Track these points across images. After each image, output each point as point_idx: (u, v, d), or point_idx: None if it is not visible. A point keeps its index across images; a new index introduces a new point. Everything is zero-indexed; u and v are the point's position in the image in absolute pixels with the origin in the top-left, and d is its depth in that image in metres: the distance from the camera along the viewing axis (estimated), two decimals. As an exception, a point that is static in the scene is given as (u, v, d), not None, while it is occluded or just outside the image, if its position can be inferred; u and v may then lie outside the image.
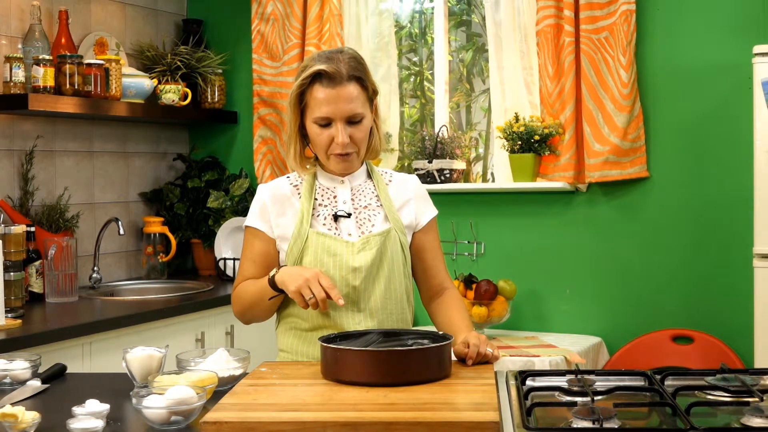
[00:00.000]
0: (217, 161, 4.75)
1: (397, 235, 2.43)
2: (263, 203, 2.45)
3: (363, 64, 2.40)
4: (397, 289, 2.41)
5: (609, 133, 3.92)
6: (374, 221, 2.43)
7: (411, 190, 2.53)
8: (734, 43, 3.77)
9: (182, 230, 4.55)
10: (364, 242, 2.38)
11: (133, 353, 2.14)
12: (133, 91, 4.15)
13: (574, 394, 1.99)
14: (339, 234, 2.40)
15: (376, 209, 2.46)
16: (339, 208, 2.43)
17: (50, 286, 3.67)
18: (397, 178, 2.55)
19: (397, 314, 2.42)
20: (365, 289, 2.37)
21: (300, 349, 2.42)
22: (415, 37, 4.92)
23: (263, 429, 1.74)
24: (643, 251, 3.99)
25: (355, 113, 2.34)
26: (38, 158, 3.94)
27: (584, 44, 3.95)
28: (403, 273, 2.44)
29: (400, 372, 2.01)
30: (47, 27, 3.92)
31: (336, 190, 2.46)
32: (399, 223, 2.45)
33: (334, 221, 2.41)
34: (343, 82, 2.33)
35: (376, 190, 2.48)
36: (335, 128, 2.35)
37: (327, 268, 2.35)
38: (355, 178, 2.48)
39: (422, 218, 2.51)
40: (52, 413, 1.92)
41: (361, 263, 2.36)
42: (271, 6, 4.55)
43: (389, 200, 2.47)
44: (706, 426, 1.72)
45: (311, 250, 2.37)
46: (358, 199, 2.46)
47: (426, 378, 2.02)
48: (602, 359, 3.97)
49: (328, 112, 2.33)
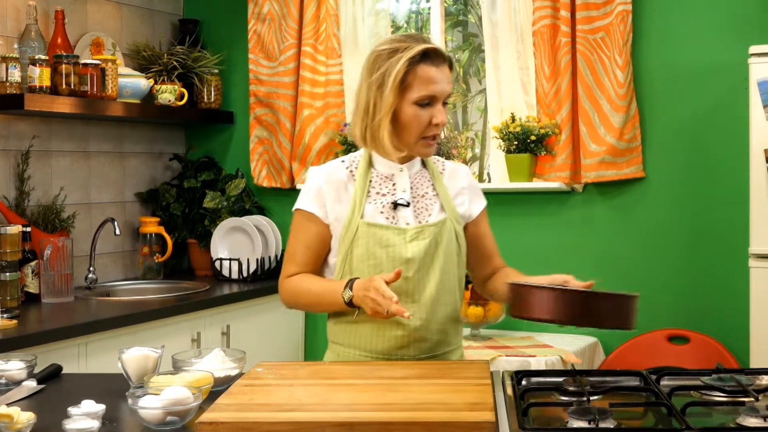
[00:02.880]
0: (213, 161, 4.75)
1: (452, 225, 2.41)
2: (319, 187, 2.42)
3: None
4: (452, 279, 2.40)
5: (605, 134, 3.92)
6: (431, 210, 2.41)
7: (465, 179, 2.52)
8: (730, 44, 3.77)
9: (178, 230, 4.55)
10: (418, 231, 2.36)
11: (128, 353, 2.14)
12: (130, 91, 4.14)
13: (570, 394, 2.00)
14: (396, 222, 2.37)
15: (432, 198, 2.43)
16: (398, 197, 2.40)
17: (46, 286, 3.66)
18: (449, 167, 2.53)
19: (451, 305, 2.40)
20: (419, 280, 2.35)
21: (351, 341, 2.41)
22: (411, 37, 4.92)
23: (259, 429, 1.73)
24: (639, 251, 3.99)
25: (451, 93, 2.38)
26: (34, 158, 3.94)
27: (580, 44, 3.96)
28: (456, 263, 2.42)
29: (593, 314, 2.07)
30: (43, 27, 3.92)
31: (395, 177, 2.43)
32: (455, 212, 2.44)
33: (393, 209, 2.39)
34: (445, 63, 2.35)
35: (432, 179, 2.46)
36: (436, 108, 2.34)
37: (379, 260, 2.33)
38: (413, 166, 2.46)
39: (475, 208, 2.51)
40: (48, 413, 1.92)
41: (413, 254, 2.34)
42: (267, 6, 4.54)
43: (445, 189, 2.46)
44: (701, 426, 1.72)
45: (362, 242, 2.35)
46: (416, 188, 2.44)
47: (614, 325, 2.09)
48: (598, 359, 3.97)
49: (435, 91, 2.32)
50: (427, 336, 2.36)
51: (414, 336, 2.35)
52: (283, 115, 4.55)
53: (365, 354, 2.38)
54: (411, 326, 2.34)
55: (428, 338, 2.36)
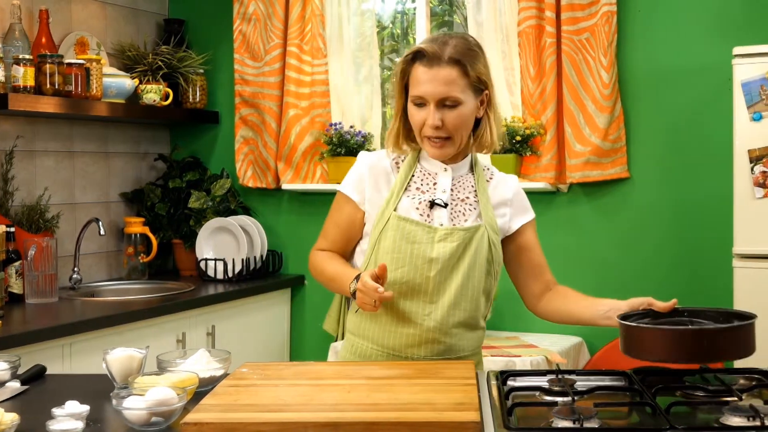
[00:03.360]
0: (198, 161, 4.74)
1: (486, 233, 2.38)
2: (361, 173, 2.44)
3: (474, 51, 2.35)
4: (475, 287, 2.37)
5: (590, 134, 3.93)
6: (468, 216, 2.39)
7: (511, 191, 2.49)
8: (714, 45, 3.79)
9: (163, 230, 4.54)
10: (448, 233, 2.34)
11: (113, 354, 2.13)
12: (114, 91, 4.13)
13: (555, 393, 2.00)
14: (431, 221, 2.36)
15: (473, 204, 2.42)
16: (437, 196, 2.39)
17: (30, 286, 3.65)
18: (498, 177, 2.50)
19: (470, 312, 2.38)
20: (440, 282, 2.34)
21: (367, 334, 2.41)
22: (397, 37, 4.93)
23: (244, 430, 1.73)
24: (624, 251, 4.00)
25: (448, 96, 2.30)
26: (18, 158, 3.92)
27: (565, 45, 3.97)
28: (486, 271, 2.39)
29: (711, 350, 2.01)
30: (27, 26, 3.90)
31: (437, 176, 2.42)
32: (492, 221, 2.41)
33: (429, 208, 2.38)
34: (442, 64, 2.29)
35: (476, 185, 2.44)
36: (428, 110, 2.32)
37: (404, 254, 2.33)
38: (459, 168, 2.44)
39: (517, 221, 2.48)
40: (32, 415, 1.91)
41: (438, 254, 2.32)
42: (252, 6, 4.54)
43: (487, 197, 2.43)
44: (686, 425, 1.73)
45: (390, 234, 2.35)
46: (457, 191, 2.42)
47: (737, 357, 2.06)
48: (583, 359, 3.98)
49: (423, 92, 2.31)
50: (439, 338, 2.35)
51: (426, 336, 2.35)
52: (268, 116, 4.54)
53: (378, 348, 2.39)
54: (423, 326, 2.34)
55: (441, 341, 2.36)
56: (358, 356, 2.44)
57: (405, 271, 2.33)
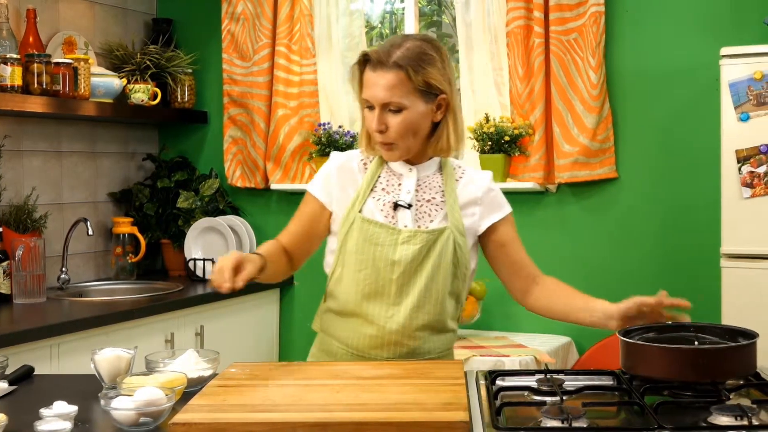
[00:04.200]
0: (186, 161, 4.73)
1: (452, 235, 2.36)
2: (329, 173, 2.45)
3: (426, 54, 2.31)
4: (440, 290, 2.35)
5: (578, 134, 3.94)
6: (433, 217, 2.38)
7: (481, 189, 2.45)
8: (702, 45, 3.80)
9: (152, 230, 4.53)
10: (411, 235, 2.33)
11: (101, 354, 2.13)
12: (102, 91, 4.12)
13: (544, 393, 2.00)
14: (395, 223, 2.36)
15: (439, 205, 2.40)
16: (400, 198, 2.38)
17: (18, 286, 3.63)
18: (469, 175, 2.47)
19: (435, 315, 2.36)
20: (403, 284, 2.33)
21: (333, 332, 2.42)
22: (385, 37, 4.93)
23: (233, 430, 1.73)
24: (612, 251, 4.01)
25: (390, 101, 2.29)
26: (5, 158, 3.91)
27: (554, 45, 3.97)
28: (451, 273, 2.37)
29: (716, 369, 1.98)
30: (15, 26, 3.88)
31: (402, 178, 2.41)
32: (459, 222, 2.38)
33: (393, 210, 2.37)
34: (385, 68, 2.29)
35: (444, 185, 2.42)
36: (373, 113, 2.32)
37: (367, 256, 2.33)
38: (425, 168, 2.43)
39: (487, 220, 2.44)
40: (20, 415, 1.91)
41: (401, 257, 2.32)
42: (241, 6, 4.53)
43: (454, 198, 2.41)
44: (673, 424, 1.73)
45: (354, 236, 2.35)
46: (423, 191, 2.40)
47: (737, 376, 2.03)
48: (572, 359, 3.99)
49: (368, 96, 2.32)
50: (402, 341, 2.35)
51: (388, 338, 2.35)
52: (257, 115, 4.54)
53: (344, 348, 2.40)
54: (386, 328, 2.34)
55: (404, 343, 2.36)
56: (327, 354, 2.45)
57: (368, 273, 2.34)
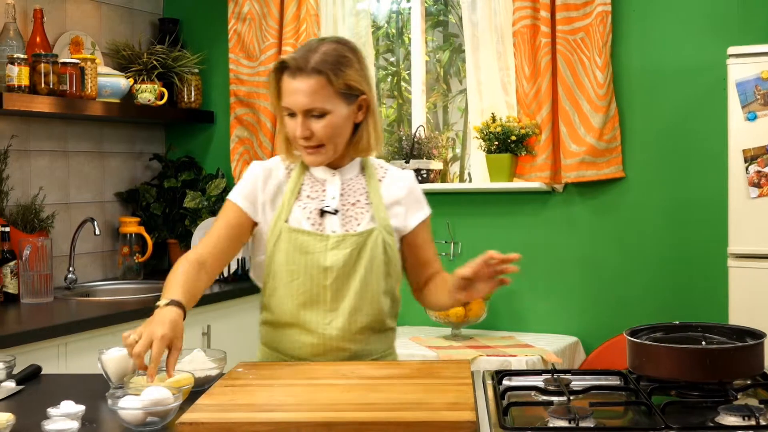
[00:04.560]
0: (193, 161, 4.74)
1: (381, 235, 2.36)
2: (255, 183, 2.40)
3: (344, 57, 2.31)
4: (375, 290, 2.36)
5: (585, 134, 3.93)
6: (360, 220, 2.37)
7: (404, 189, 2.45)
8: (709, 45, 3.79)
9: (158, 230, 4.53)
10: (339, 240, 2.33)
11: (108, 354, 2.13)
12: (109, 91, 4.13)
13: (551, 393, 2.00)
14: (322, 230, 2.34)
15: (365, 207, 2.39)
16: (326, 203, 2.37)
17: (25, 286, 3.64)
18: (391, 175, 2.46)
19: (373, 315, 2.37)
20: (337, 290, 2.33)
21: (274, 345, 2.41)
22: (392, 37, 4.93)
23: (239, 429, 1.73)
24: (619, 251, 4.01)
25: (313, 107, 2.27)
26: (13, 158, 3.92)
27: (560, 45, 3.97)
28: (384, 273, 2.37)
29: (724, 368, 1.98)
30: (22, 26, 3.89)
31: (326, 183, 2.40)
32: (386, 222, 2.38)
33: (320, 217, 2.36)
34: (304, 75, 2.26)
35: (367, 187, 2.42)
36: (296, 120, 2.29)
37: (298, 266, 2.32)
38: (347, 171, 2.42)
39: (412, 220, 2.44)
40: (27, 415, 1.91)
41: (332, 262, 2.31)
42: (247, 6, 4.54)
43: (379, 198, 2.40)
44: (681, 425, 1.73)
45: (283, 246, 2.33)
46: (347, 195, 2.39)
47: (744, 375, 2.02)
48: (578, 359, 3.99)
49: (289, 103, 2.29)
50: (343, 345, 2.34)
51: (329, 345, 2.34)
52: (263, 115, 4.54)
53: (287, 359, 2.38)
54: (326, 335, 2.33)
55: (346, 348, 2.35)
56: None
57: (301, 282, 2.32)
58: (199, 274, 2.29)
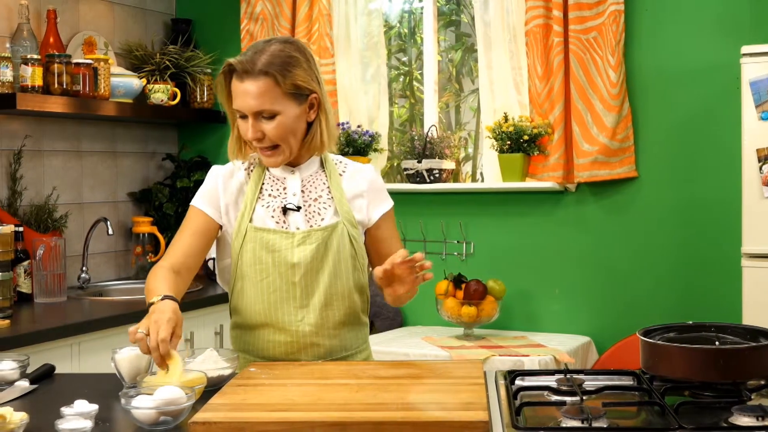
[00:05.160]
0: (206, 161, 4.75)
1: (345, 229, 2.36)
2: (215, 187, 2.40)
3: (291, 57, 2.30)
4: (344, 284, 2.36)
5: (598, 133, 3.92)
6: (324, 215, 2.37)
7: (365, 181, 2.45)
8: (722, 44, 3.78)
9: (171, 230, 4.54)
10: (305, 236, 2.33)
11: (121, 353, 2.14)
12: (122, 91, 4.14)
13: (563, 393, 2.00)
14: (287, 227, 2.34)
15: (327, 202, 2.39)
16: (288, 201, 2.37)
17: (39, 286, 3.65)
18: (351, 169, 2.47)
19: (345, 309, 2.37)
20: (307, 285, 2.32)
21: (247, 348, 2.40)
22: (404, 37, 4.93)
23: (252, 429, 1.73)
24: (632, 251, 3.99)
25: (261, 109, 2.27)
26: (26, 158, 3.93)
27: (573, 44, 3.96)
28: (352, 266, 2.37)
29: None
30: (35, 26, 3.91)
31: (286, 181, 2.40)
32: (349, 215, 2.38)
33: (283, 214, 2.36)
34: (251, 77, 2.26)
35: (328, 182, 2.42)
36: (248, 122, 2.29)
37: (266, 265, 2.32)
38: (307, 168, 2.42)
39: (375, 213, 2.44)
40: (41, 414, 1.92)
41: (300, 259, 2.31)
42: (260, 6, 4.54)
43: (341, 192, 2.40)
44: (694, 425, 1.73)
45: (250, 246, 2.33)
46: (309, 191, 2.40)
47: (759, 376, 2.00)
48: (591, 359, 3.98)
49: (239, 106, 2.29)
50: (318, 341, 2.35)
51: (303, 342, 2.34)
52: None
53: (261, 361, 2.37)
54: (299, 332, 2.33)
55: (320, 343, 2.35)
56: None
57: (270, 281, 2.32)
58: (175, 279, 2.28)
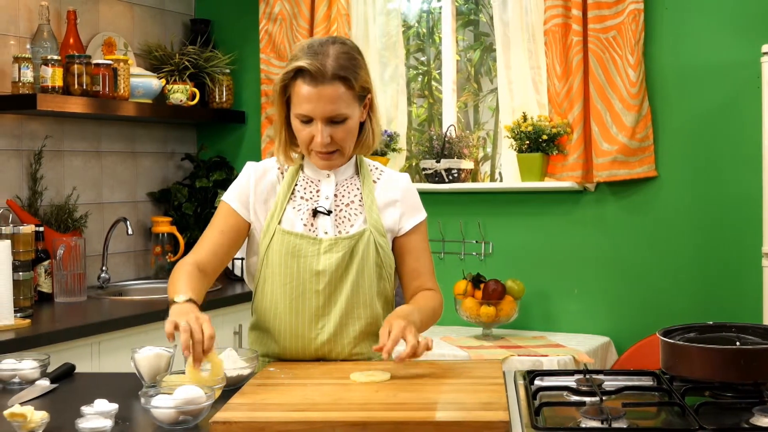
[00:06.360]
0: (224, 161, 4.76)
1: (372, 237, 2.33)
2: (247, 184, 2.39)
3: (355, 59, 2.28)
4: (367, 293, 2.33)
5: (617, 133, 3.91)
6: (353, 221, 2.35)
7: (399, 190, 2.42)
8: (742, 42, 3.76)
9: (190, 230, 4.56)
10: (332, 244, 2.30)
11: (141, 353, 2.15)
12: (141, 91, 4.15)
13: (583, 393, 1.99)
14: (315, 231, 2.32)
15: (358, 208, 2.37)
16: (319, 204, 2.35)
17: (59, 285, 3.67)
18: (386, 176, 2.44)
19: (367, 318, 2.34)
20: (330, 294, 2.31)
21: (265, 350, 2.39)
22: (422, 36, 4.93)
23: (272, 429, 1.74)
24: (652, 251, 3.98)
25: (337, 114, 2.24)
26: (47, 158, 3.95)
27: (592, 43, 3.95)
28: (377, 275, 2.34)
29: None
30: (55, 27, 3.93)
31: (320, 183, 2.37)
32: (378, 224, 2.35)
33: (313, 217, 2.34)
34: (326, 82, 2.21)
35: (362, 187, 2.39)
36: (315, 127, 2.25)
37: (291, 269, 2.30)
38: (342, 172, 2.39)
39: (407, 223, 2.41)
40: (61, 413, 1.92)
41: (325, 266, 2.29)
42: (278, 6, 4.55)
43: (372, 199, 2.37)
44: (715, 425, 1.72)
45: (276, 249, 2.31)
46: (342, 196, 2.37)
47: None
48: (611, 359, 3.96)
49: (309, 111, 2.23)
50: (336, 350, 2.33)
51: (321, 351, 2.33)
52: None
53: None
54: (318, 340, 2.32)
55: (338, 352, 2.34)
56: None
57: (293, 286, 2.31)
58: (200, 278, 2.28)
